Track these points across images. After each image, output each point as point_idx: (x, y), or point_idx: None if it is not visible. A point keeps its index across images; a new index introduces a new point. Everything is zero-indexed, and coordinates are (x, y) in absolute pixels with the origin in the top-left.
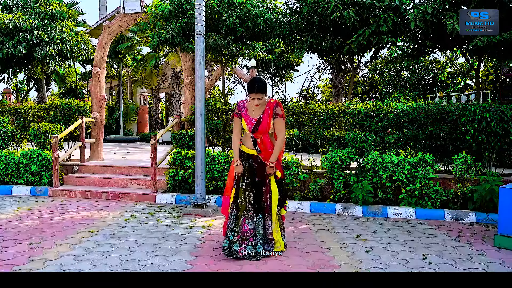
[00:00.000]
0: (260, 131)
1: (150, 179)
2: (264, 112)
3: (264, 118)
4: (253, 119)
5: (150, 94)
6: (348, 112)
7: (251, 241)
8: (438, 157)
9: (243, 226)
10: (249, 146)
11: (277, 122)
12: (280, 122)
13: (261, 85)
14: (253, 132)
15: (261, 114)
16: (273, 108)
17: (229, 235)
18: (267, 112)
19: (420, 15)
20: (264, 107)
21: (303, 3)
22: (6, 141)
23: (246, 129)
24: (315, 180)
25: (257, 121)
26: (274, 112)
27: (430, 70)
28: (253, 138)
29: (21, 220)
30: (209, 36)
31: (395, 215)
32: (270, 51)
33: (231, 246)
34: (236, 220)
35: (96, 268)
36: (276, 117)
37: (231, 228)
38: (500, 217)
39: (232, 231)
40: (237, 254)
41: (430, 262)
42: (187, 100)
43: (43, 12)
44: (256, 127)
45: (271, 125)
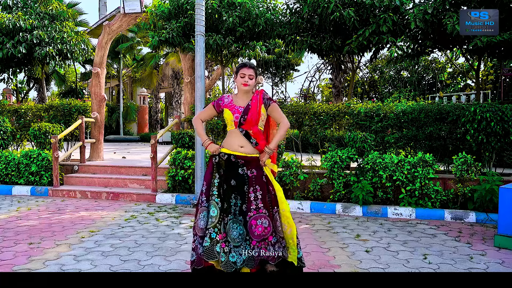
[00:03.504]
0: (249, 121)
1: (150, 179)
2: (252, 99)
3: (253, 105)
4: (239, 107)
5: (150, 94)
6: (348, 112)
7: (270, 240)
8: (438, 157)
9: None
10: (235, 144)
11: (273, 108)
12: (276, 107)
13: (252, 64)
14: (240, 124)
15: (249, 101)
16: (263, 94)
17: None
18: (256, 99)
19: (420, 15)
20: (252, 95)
21: (303, 3)
22: (6, 141)
23: (231, 122)
24: (315, 180)
25: (245, 109)
26: (266, 98)
27: (430, 70)
28: (243, 131)
29: (21, 220)
30: (209, 36)
31: (395, 215)
32: (270, 51)
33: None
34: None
35: (96, 268)
36: (269, 103)
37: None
38: (500, 217)
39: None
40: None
41: (430, 262)
42: (187, 100)
43: (43, 12)
44: (244, 116)
45: (261, 115)
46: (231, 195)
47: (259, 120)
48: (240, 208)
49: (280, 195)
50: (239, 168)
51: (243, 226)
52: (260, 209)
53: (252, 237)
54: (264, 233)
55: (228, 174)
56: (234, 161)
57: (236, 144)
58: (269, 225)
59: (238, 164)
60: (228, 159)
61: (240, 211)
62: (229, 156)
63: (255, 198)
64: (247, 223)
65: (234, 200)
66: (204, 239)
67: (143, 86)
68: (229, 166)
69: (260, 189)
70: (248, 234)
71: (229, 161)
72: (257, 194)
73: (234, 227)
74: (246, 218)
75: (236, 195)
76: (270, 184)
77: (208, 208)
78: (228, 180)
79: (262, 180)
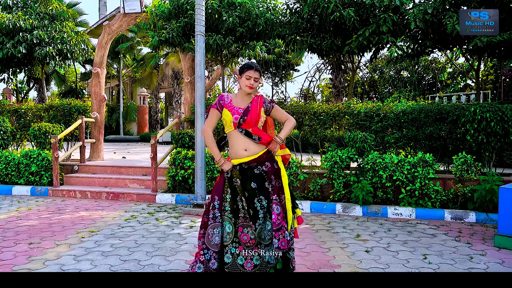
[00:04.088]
0: (248, 122)
1: (150, 179)
2: (252, 101)
3: (253, 107)
4: (239, 108)
5: (150, 94)
6: (348, 112)
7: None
8: (438, 157)
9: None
10: (240, 150)
11: (277, 110)
12: (279, 108)
13: (259, 66)
14: (239, 124)
15: (249, 104)
16: (263, 99)
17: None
18: (256, 101)
19: (420, 15)
20: (252, 98)
21: (303, 3)
22: (6, 141)
23: (230, 123)
24: (315, 180)
25: (244, 110)
26: (267, 102)
27: (430, 70)
28: (242, 130)
29: (21, 220)
30: (209, 36)
31: (395, 215)
32: (270, 51)
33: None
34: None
35: (96, 268)
36: (272, 105)
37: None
38: (500, 217)
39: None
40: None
41: (430, 262)
42: (187, 100)
43: (43, 12)
44: (244, 117)
45: (261, 117)
46: (254, 199)
47: (258, 122)
48: (267, 207)
49: (286, 186)
50: (255, 169)
51: (269, 220)
52: (272, 195)
53: (272, 226)
54: (278, 220)
55: (246, 179)
56: (246, 167)
57: (240, 149)
58: (281, 211)
59: (251, 167)
60: (240, 168)
61: (268, 209)
62: (240, 165)
63: (272, 188)
64: (271, 214)
65: (258, 203)
66: (223, 255)
67: (143, 86)
68: (244, 173)
69: (274, 178)
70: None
71: (242, 169)
72: (272, 183)
73: (266, 226)
74: (271, 211)
75: (259, 198)
76: (280, 174)
77: (223, 224)
78: (248, 186)
79: (275, 168)
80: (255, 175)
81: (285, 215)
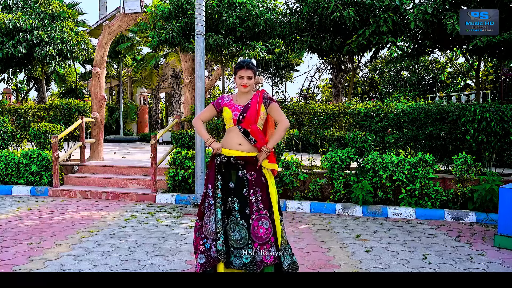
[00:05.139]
0: (248, 119)
1: (150, 179)
2: (252, 98)
3: (252, 104)
4: (239, 105)
5: (150, 94)
6: (348, 112)
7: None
8: (438, 157)
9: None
10: (234, 142)
11: (273, 108)
12: (276, 107)
13: (250, 64)
14: (239, 121)
15: (249, 101)
16: (263, 94)
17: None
18: (256, 98)
19: (420, 15)
20: (252, 95)
21: (303, 3)
22: (6, 141)
23: (230, 120)
24: (315, 180)
25: (244, 107)
26: (266, 98)
27: (430, 70)
28: (241, 129)
29: (21, 220)
30: (209, 36)
31: (395, 215)
32: (270, 51)
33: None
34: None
35: (96, 268)
36: (269, 102)
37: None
38: (500, 217)
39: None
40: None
41: (430, 262)
42: (187, 100)
43: (43, 12)
44: (243, 114)
45: (260, 114)
46: (228, 198)
47: (258, 119)
48: (241, 212)
49: (274, 200)
50: (239, 171)
51: (245, 230)
52: (261, 210)
53: (254, 239)
54: (266, 235)
55: (227, 176)
56: (234, 163)
57: (234, 142)
58: (269, 226)
59: (238, 166)
60: (227, 161)
61: (242, 215)
62: (229, 158)
63: (256, 200)
64: (250, 225)
65: (230, 203)
66: (217, 242)
67: (143, 86)
68: (229, 169)
69: (260, 191)
70: (250, 238)
71: (229, 163)
72: (257, 196)
73: (237, 230)
74: (249, 221)
75: (233, 198)
76: (267, 187)
77: (215, 211)
78: (227, 182)
79: (261, 182)
80: (237, 178)
81: (274, 231)
